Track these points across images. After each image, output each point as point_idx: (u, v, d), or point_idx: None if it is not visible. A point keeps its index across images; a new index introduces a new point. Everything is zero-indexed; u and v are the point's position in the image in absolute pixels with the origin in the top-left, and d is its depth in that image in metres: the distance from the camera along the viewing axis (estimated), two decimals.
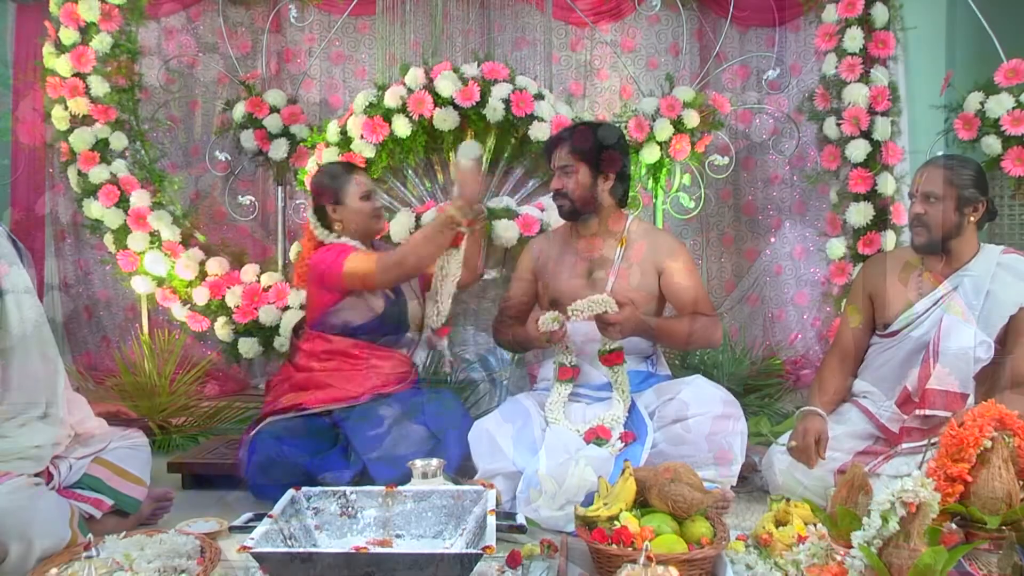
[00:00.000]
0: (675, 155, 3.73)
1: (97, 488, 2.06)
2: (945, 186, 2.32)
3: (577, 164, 2.50)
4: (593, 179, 2.51)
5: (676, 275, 2.47)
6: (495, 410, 2.49)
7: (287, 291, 3.51)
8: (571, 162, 2.50)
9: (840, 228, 3.70)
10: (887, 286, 2.45)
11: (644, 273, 2.48)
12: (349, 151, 3.34)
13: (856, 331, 2.50)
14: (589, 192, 2.51)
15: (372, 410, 2.41)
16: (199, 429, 3.41)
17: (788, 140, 4.53)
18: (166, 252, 3.64)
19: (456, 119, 3.29)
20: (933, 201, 2.33)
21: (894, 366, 2.39)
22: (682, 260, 2.49)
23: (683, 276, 2.47)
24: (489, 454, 2.30)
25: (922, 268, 2.41)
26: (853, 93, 3.58)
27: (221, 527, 2.07)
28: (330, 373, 2.49)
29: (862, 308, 2.50)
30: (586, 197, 2.51)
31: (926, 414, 2.21)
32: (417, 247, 2.37)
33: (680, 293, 2.48)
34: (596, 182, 2.51)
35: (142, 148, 3.81)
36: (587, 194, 2.51)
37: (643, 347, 2.54)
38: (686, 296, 2.47)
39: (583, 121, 3.13)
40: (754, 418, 3.15)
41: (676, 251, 2.51)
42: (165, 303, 3.69)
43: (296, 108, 3.95)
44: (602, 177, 2.51)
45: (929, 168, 2.37)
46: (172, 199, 3.82)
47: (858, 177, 3.59)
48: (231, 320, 3.55)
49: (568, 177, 2.51)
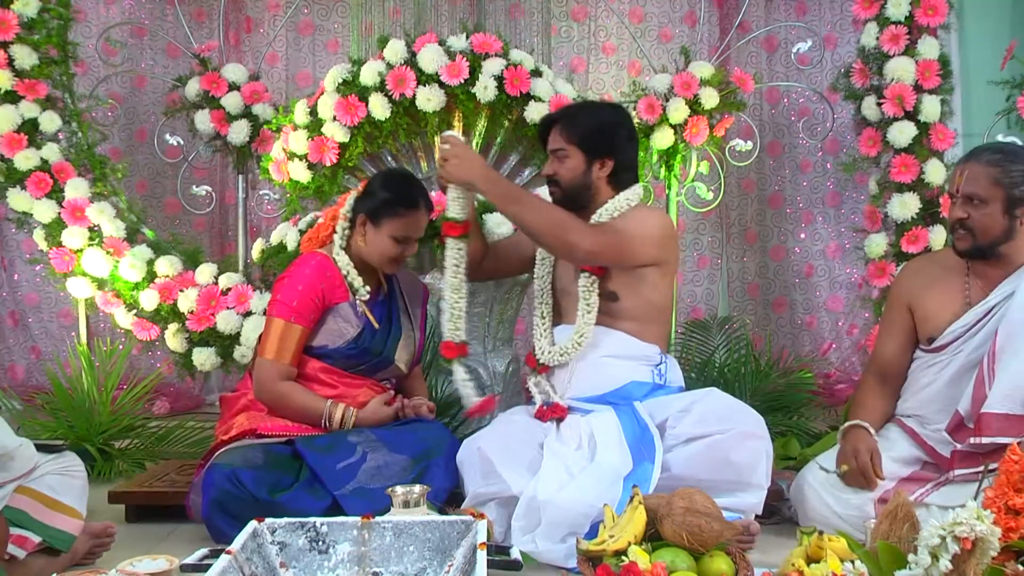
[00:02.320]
0: (691, 140, 3.73)
1: (21, 523, 2.01)
2: (990, 187, 2.26)
3: (569, 148, 2.52)
4: (587, 165, 2.52)
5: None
6: (487, 427, 2.49)
7: (249, 294, 3.49)
8: (563, 145, 2.52)
9: (881, 223, 3.71)
10: (931, 294, 2.43)
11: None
12: (320, 135, 3.33)
13: (895, 346, 2.48)
14: (582, 179, 2.52)
15: (340, 438, 2.40)
16: (146, 453, 3.38)
17: (821, 122, 4.54)
18: (108, 250, 3.62)
19: (442, 99, 3.28)
20: (977, 204, 2.28)
21: (941, 386, 2.37)
22: (641, 216, 2.51)
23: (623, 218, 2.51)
24: (482, 476, 2.29)
25: (970, 273, 2.39)
26: (897, 68, 3.58)
27: (171, 566, 2.05)
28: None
29: (900, 319, 2.48)
30: (579, 185, 2.53)
31: (982, 441, 2.20)
32: (294, 410, 2.46)
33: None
34: (591, 169, 2.52)
35: (78, 130, 3.78)
36: (580, 181, 2.52)
37: (649, 353, 2.53)
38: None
39: (583, 100, 3.14)
40: (781, 439, 3.15)
41: (641, 215, 2.53)
42: (107, 308, 3.68)
43: (259, 85, 3.94)
44: (597, 163, 2.52)
45: (970, 165, 2.30)
46: (115, 189, 3.80)
47: (902, 164, 3.60)
48: (184, 328, 3.54)
49: (560, 162, 2.53)
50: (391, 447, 2.38)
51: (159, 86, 4.61)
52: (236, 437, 2.44)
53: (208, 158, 4.34)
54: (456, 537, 1.86)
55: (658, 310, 2.56)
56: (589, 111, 2.61)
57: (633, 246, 2.47)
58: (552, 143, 2.56)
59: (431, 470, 2.36)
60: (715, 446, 2.24)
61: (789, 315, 4.81)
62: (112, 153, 4.37)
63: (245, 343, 3.45)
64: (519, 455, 2.33)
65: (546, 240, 2.47)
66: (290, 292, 2.47)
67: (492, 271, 2.85)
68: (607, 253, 2.46)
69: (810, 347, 4.63)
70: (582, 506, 2.13)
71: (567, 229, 2.44)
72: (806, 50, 4.15)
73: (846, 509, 2.30)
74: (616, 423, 2.37)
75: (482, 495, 2.28)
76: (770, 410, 3.28)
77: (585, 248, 2.43)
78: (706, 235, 4.92)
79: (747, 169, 4.61)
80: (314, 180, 3.40)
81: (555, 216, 2.48)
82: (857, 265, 4.31)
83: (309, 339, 2.50)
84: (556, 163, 2.54)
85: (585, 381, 2.52)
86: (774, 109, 4.81)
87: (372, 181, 2.61)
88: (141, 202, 4.36)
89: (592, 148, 2.51)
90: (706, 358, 3.75)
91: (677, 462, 2.28)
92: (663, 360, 2.57)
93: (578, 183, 2.53)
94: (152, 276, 3.61)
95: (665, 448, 2.30)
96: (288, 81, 4.89)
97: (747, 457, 2.24)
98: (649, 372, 2.53)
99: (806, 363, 4.00)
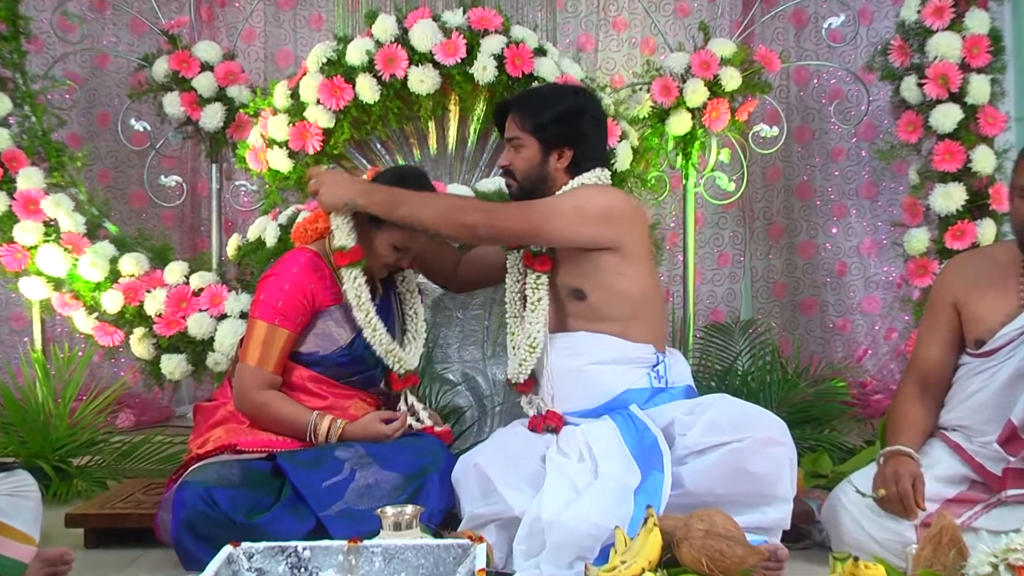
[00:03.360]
0: (711, 125, 3.74)
1: None
2: None
3: (524, 136, 2.54)
4: (544, 156, 2.54)
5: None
6: (485, 442, 2.49)
7: (224, 295, 3.49)
8: (517, 134, 2.55)
9: (922, 216, 3.71)
10: (981, 293, 2.42)
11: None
12: (302, 120, 3.34)
13: (938, 350, 2.48)
14: (538, 171, 2.54)
15: (326, 454, 2.40)
16: (108, 471, 3.38)
17: (855, 106, 4.55)
18: (66, 247, 3.62)
19: (436, 80, 3.28)
20: None
21: (992, 393, 2.36)
22: (579, 193, 2.53)
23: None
24: (480, 496, 2.29)
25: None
26: (941, 44, 3.58)
27: None
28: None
29: (944, 320, 2.48)
30: (534, 177, 2.55)
31: None
32: (277, 421, 2.47)
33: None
34: (547, 159, 2.54)
35: (32, 114, 3.78)
36: (536, 173, 2.54)
37: (641, 354, 2.51)
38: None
39: (544, 84, 3.17)
40: (811, 455, 3.15)
41: (580, 192, 2.53)
42: (65, 311, 3.68)
43: (234, 65, 3.94)
44: (555, 153, 2.54)
45: None
46: (73, 179, 3.80)
47: (946, 152, 3.59)
48: (151, 332, 3.54)
49: (516, 152, 2.56)
50: (382, 464, 2.38)
51: (123, 65, 4.62)
52: (212, 452, 2.44)
53: (178, 145, 4.35)
54: (452, 563, 1.86)
55: (637, 303, 2.53)
56: (548, 96, 2.63)
57: (553, 222, 2.46)
58: (508, 131, 2.58)
59: (425, 489, 2.35)
60: (732, 456, 2.23)
61: (819, 318, 4.81)
62: (70, 140, 4.38)
63: (219, 349, 3.45)
64: (520, 471, 2.33)
65: (445, 229, 2.52)
66: (275, 292, 2.47)
67: (474, 281, 2.86)
68: (512, 227, 2.49)
69: (843, 353, 4.63)
70: (590, 526, 2.13)
71: (462, 211, 2.51)
72: (838, 25, 4.15)
73: (884, 533, 2.30)
74: (614, 431, 2.37)
75: (480, 516, 2.28)
76: (799, 423, 3.28)
77: (485, 224, 2.48)
78: (727, 230, 4.92)
79: (772, 157, 4.61)
80: (295, 170, 3.40)
81: (447, 202, 2.60)
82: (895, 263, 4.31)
83: (296, 344, 2.50)
84: (512, 153, 2.56)
85: (576, 394, 2.52)
86: (803, 91, 4.81)
87: (381, 177, 2.61)
88: (103, 194, 4.35)
89: (549, 138, 2.53)
90: (727, 365, 3.75)
91: (690, 476, 2.27)
92: (660, 359, 2.55)
93: (533, 175, 2.54)
94: (115, 275, 3.61)
95: (675, 460, 2.30)
96: (267, 60, 4.89)
97: (768, 466, 2.23)
98: (645, 376, 2.52)
99: (838, 371, 4.01)
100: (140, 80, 4.09)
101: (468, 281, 2.86)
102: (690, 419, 2.34)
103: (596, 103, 2.68)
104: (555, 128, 2.53)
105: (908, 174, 3.83)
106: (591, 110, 2.61)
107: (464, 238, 2.63)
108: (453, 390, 3.17)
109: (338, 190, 2.49)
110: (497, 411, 3.17)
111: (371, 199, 2.48)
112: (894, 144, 3.82)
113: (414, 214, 2.48)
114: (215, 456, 2.44)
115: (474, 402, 3.18)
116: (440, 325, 3.17)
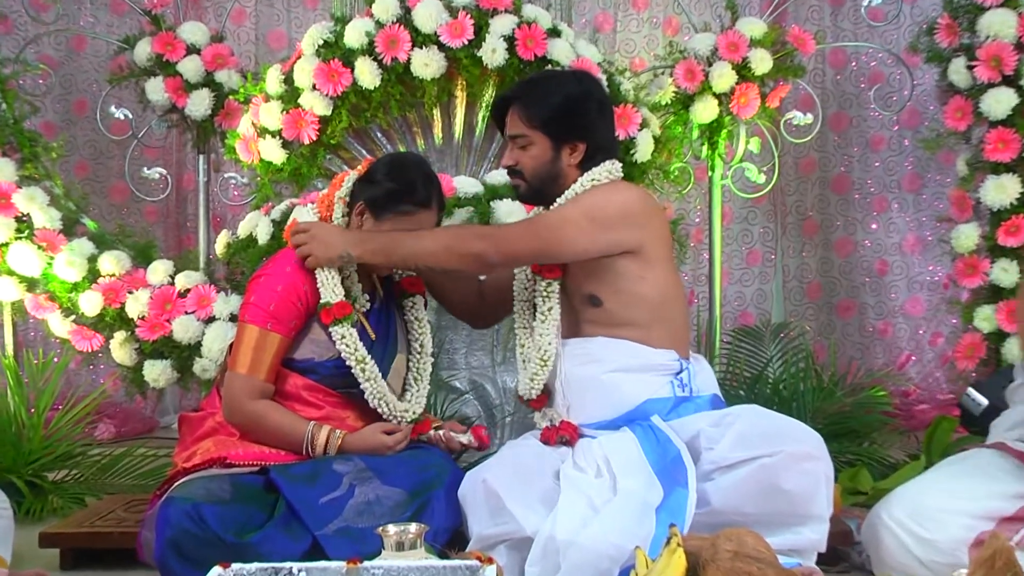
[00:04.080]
0: (739, 112, 3.73)
1: None
2: None
3: (532, 133, 2.52)
4: (555, 152, 2.53)
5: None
6: (495, 455, 2.50)
7: (212, 296, 3.51)
8: (523, 131, 2.53)
9: (971, 211, 3.70)
10: None
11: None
12: (296, 107, 3.35)
13: None
14: (549, 169, 2.54)
15: (323, 467, 2.40)
16: (86, 487, 3.40)
17: (897, 90, 4.54)
18: (40, 244, 3.64)
19: (442, 64, 3.29)
20: None
21: None
22: (588, 199, 2.52)
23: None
24: (489, 515, 2.28)
25: None
26: (994, 22, 3.58)
27: None
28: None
29: None
30: (545, 175, 2.54)
31: None
32: (270, 433, 2.46)
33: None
34: (559, 155, 2.53)
35: (2, 101, 3.80)
36: (547, 171, 2.54)
37: (663, 360, 2.51)
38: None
39: (543, 71, 3.16)
40: (849, 470, 3.15)
41: (589, 198, 2.52)
42: (39, 314, 3.69)
43: (223, 48, 3.95)
44: (567, 148, 2.53)
45: None
46: (48, 172, 3.82)
47: (999, 140, 3.59)
48: (133, 336, 3.55)
49: (523, 151, 2.54)
50: (384, 478, 2.37)
51: (101, 48, 4.64)
52: (200, 466, 2.44)
53: (162, 135, 4.37)
54: None
55: (658, 306, 2.53)
56: (550, 84, 2.60)
57: (565, 235, 2.46)
58: (511, 128, 2.56)
59: (430, 506, 2.34)
60: (763, 472, 2.22)
61: (858, 321, 4.81)
62: (45, 129, 4.40)
63: (207, 355, 3.46)
64: (532, 488, 2.32)
65: (452, 264, 2.50)
66: (267, 294, 2.48)
67: (499, 309, 2.80)
68: (523, 248, 2.49)
69: (884, 360, 4.62)
70: (608, 547, 2.12)
71: (464, 240, 2.50)
72: (879, 3, 4.14)
73: (931, 554, 2.29)
74: (635, 443, 2.37)
75: (490, 536, 2.28)
76: (836, 435, 3.28)
77: (493, 250, 2.46)
78: (757, 225, 4.92)
79: (806, 147, 4.61)
80: (289, 161, 3.41)
81: (446, 234, 2.56)
82: (942, 262, 4.31)
83: (290, 350, 2.51)
84: (517, 152, 2.55)
85: (592, 404, 2.51)
86: (840, 75, 4.81)
87: (377, 164, 2.61)
88: (81, 187, 4.37)
89: (559, 131, 2.51)
90: (757, 372, 3.75)
91: (717, 493, 2.27)
92: (684, 366, 2.55)
93: (544, 173, 2.53)
94: (94, 275, 3.62)
95: (701, 476, 2.29)
96: (258, 43, 4.91)
97: (802, 483, 2.22)
98: (668, 384, 2.51)
99: (879, 379, 4.00)
100: (120, 64, 4.11)
101: (496, 310, 2.81)
102: (717, 431, 2.34)
103: (600, 87, 2.68)
104: (564, 120, 2.52)
105: (956, 165, 3.83)
106: (597, 94, 2.60)
107: (475, 269, 2.59)
108: (460, 399, 3.16)
109: (331, 245, 2.47)
110: (507, 422, 3.16)
111: (365, 247, 2.47)
112: (940, 132, 3.82)
113: (414, 253, 2.48)
114: (203, 470, 2.44)
115: (483, 412, 3.17)
116: (446, 328, 3.18)
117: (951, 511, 2.31)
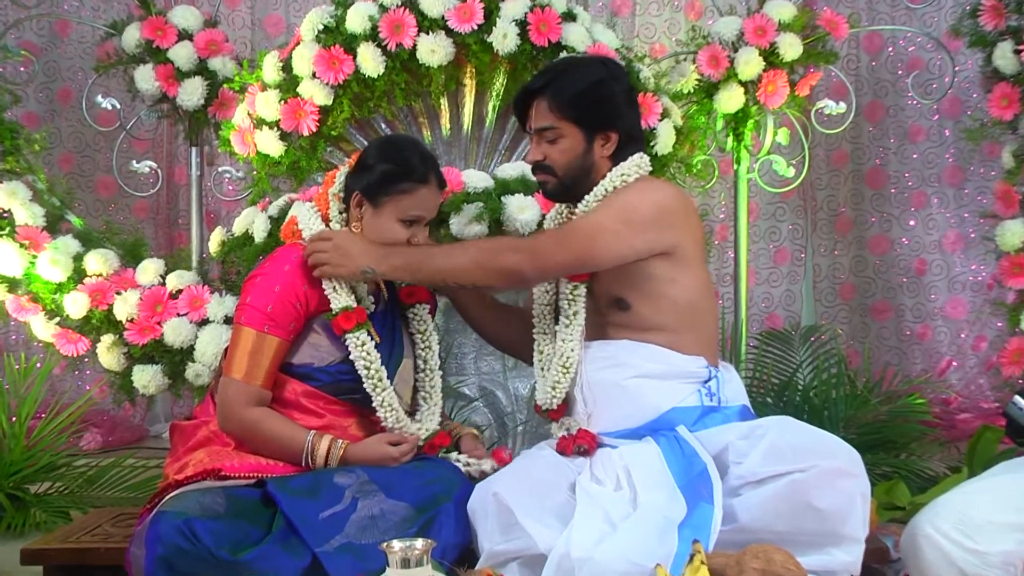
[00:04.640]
0: (766, 101, 3.73)
1: None
2: None
3: (562, 124, 2.53)
4: (588, 143, 2.54)
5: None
6: (506, 467, 2.50)
7: (205, 297, 3.52)
8: (552, 123, 2.53)
9: (1017, 206, 3.70)
10: None
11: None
12: (295, 96, 3.35)
13: None
14: (582, 162, 2.54)
15: (323, 480, 2.40)
16: (72, 500, 3.41)
17: (937, 77, 4.53)
18: (22, 242, 3.65)
19: (450, 50, 3.29)
20: None
21: None
22: (621, 201, 2.51)
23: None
24: (500, 530, 2.28)
25: None
26: None
27: None
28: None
29: None
30: (577, 169, 2.55)
31: None
32: (268, 442, 2.46)
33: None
34: (592, 147, 2.54)
35: None
36: (579, 165, 2.55)
37: (692, 367, 2.52)
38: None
39: (563, 58, 3.16)
40: (885, 483, 3.15)
41: (621, 200, 2.52)
42: (20, 316, 3.70)
43: (217, 34, 3.96)
44: (600, 139, 2.54)
45: None
46: (31, 165, 3.84)
47: None
48: (121, 340, 3.56)
49: (551, 144, 2.55)
50: (388, 492, 2.37)
51: (87, 34, 4.66)
52: (192, 478, 2.45)
53: (152, 126, 4.38)
54: None
55: (688, 310, 2.53)
56: (577, 71, 2.59)
57: (601, 243, 2.46)
58: (537, 120, 2.56)
59: (438, 521, 2.34)
60: (794, 488, 2.21)
61: (895, 324, 4.80)
62: (27, 119, 4.41)
63: (200, 359, 3.47)
64: (546, 501, 2.32)
65: (484, 280, 2.50)
66: (264, 295, 2.48)
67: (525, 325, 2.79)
68: (560, 260, 2.48)
69: (922, 365, 4.61)
70: (627, 565, 2.12)
71: (496, 254, 2.48)
72: None
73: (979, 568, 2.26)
74: (658, 455, 2.37)
75: (501, 553, 2.28)
76: (870, 446, 3.28)
77: (529, 265, 2.45)
78: (785, 222, 4.91)
79: (839, 138, 4.60)
80: (288, 154, 3.41)
81: (476, 248, 2.57)
82: (985, 260, 4.30)
83: (288, 355, 2.52)
84: (545, 146, 2.55)
85: (614, 412, 2.51)
86: (875, 61, 4.80)
87: (366, 151, 2.61)
88: (66, 181, 4.39)
89: (592, 120, 2.52)
90: (786, 378, 3.74)
91: (744, 510, 2.26)
92: (713, 374, 2.56)
93: (576, 167, 2.54)
94: (80, 275, 3.63)
95: (728, 491, 2.29)
96: (254, 28, 4.92)
97: (837, 502, 2.21)
98: (695, 392, 2.51)
99: (917, 386, 4.00)
100: (107, 50, 4.12)
101: (522, 329, 2.78)
102: (746, 444, 2.33)
103: (624, 72, 2.69)
104: (595, 107, 2.52)
105: (1001, 157, 3.82)
106: (622, 79, 2.61)
107: (509, 285, 2.59)
108: (470, 406, 3.17)
109: (353, 256, 2.46)
110: (520, 431, 3.17)
111: (389, 263, 2.47)
112: (984, 122, 3.81)
113: (441, 270, 2.48)
114: (195, 482, 2.44)
115: (493, 420, 3.18)
116: (454, 332, 3.18)
117: (1003, 524, 2.28)
